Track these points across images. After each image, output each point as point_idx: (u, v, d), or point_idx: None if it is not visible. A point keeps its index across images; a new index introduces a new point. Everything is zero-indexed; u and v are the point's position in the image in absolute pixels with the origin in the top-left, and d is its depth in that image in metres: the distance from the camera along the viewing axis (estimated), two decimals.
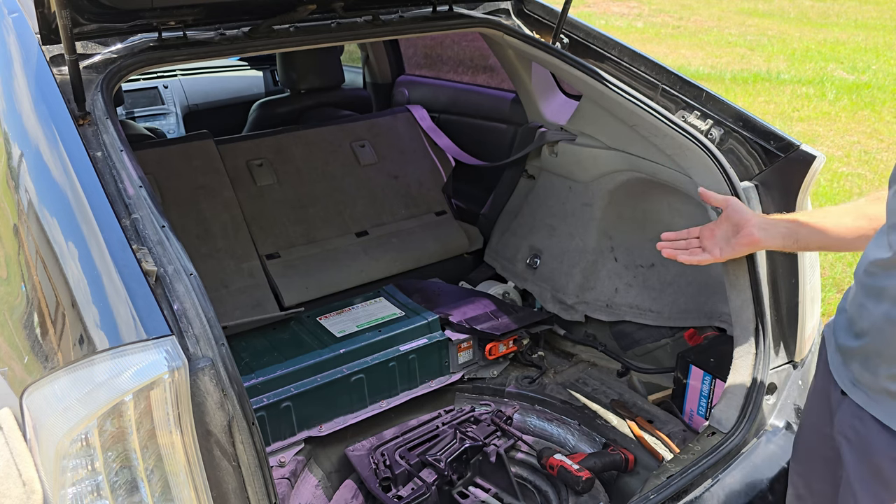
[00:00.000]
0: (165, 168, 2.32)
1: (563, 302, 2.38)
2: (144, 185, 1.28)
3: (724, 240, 1.54)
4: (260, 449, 1.11)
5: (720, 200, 1.57)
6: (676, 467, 1.61)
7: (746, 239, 1.50)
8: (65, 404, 1.00)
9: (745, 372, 1.74)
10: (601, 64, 2.09)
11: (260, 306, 2.27)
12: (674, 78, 1.98)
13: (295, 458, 1.88)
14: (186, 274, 1.15)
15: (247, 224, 2.39)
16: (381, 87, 3.42)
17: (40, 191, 1.19)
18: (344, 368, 1.99)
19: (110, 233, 1.13)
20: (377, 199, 2.64)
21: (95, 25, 1.59)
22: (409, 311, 2.22)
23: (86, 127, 1.36)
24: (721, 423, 1.71)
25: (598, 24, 2.21)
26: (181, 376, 1.02)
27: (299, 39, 1.87)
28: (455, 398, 2.20)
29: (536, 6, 2.26)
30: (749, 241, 1.51)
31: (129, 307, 1.06)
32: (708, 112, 1.91)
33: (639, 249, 2.29)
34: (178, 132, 3.91)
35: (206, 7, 1.71)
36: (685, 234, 1.62)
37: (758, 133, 1.84)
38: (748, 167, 1.82)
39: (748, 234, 1.50)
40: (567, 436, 2.06)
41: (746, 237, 1.50)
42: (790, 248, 1.50)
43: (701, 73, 8.80)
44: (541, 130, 2.49)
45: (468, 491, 1.89)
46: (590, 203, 2.33)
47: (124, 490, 1.02)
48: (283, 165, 2.54)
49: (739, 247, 1.52)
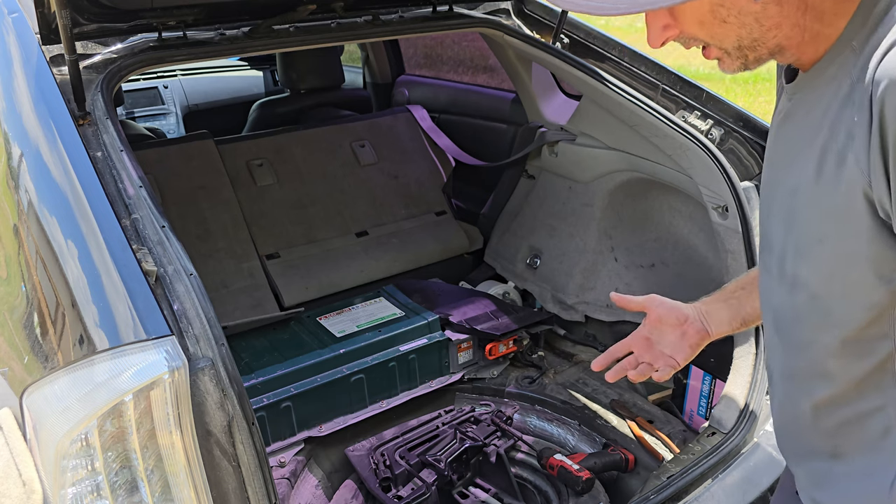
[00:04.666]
0: (165, 168, 2.32)
1: (563, 302, 2.38)
2: (144, 185, 1.27)
3: (672, 346, 1.25)
4: (260, 449, 1.11)
5: (639, 304, 1.28)
6: (676, 467, 1.61)
7: (696, 337, 1.24)
8: (65, 404, 1.00)
9: (745, 372, 1.74)
10: (601, 64, 2.09)
11: (260, 306, 2.27)
12: (674, 78, 1.98)
13: (295, 458, 1.88)
14: (186, 274, 1.15)
15: (247, 224, 2.39)
16: (381, 87, 3.42)
17: (40, 191, 1.19)
18: (344, 368, 1.99)
19: (110, 233, 1.13)
20: (377, 199, 2.64)
21: (95, 25, 1.59)
22: (409, 311, 2.22)
23: (86, 127, 1.35)
24: (721, 424, 1.71)
25: (598, 24, 2.21)
26: (181, 376, 1.02)
27: (299, 39, 1.87)
28: (455, 398, 2.20)
29: (536, 6, 2.26)
30: (700, 337, 1.25)
31: (129, 307, 1.06)
32: (708, 112, 1.91)
33: (639, 249, 2.29)
34: (178, 132, 3.91)
35: (206, 7, 1.72)
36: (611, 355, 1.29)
37: (758, 133, 1.84)
38: (748, 167, 1.82)
39: (697, 331, 1.24)
40: (567, 436, 2.06)
41: (696, 335, 1.24)
42: (736, 330, 1.27)
43: (701, 73, 8.79)
44: (541, 130, 2.49)
45: (468, 491, 1.89)
46: (590, 203, 2.33)
47: (124, 490, 1.02)
48: (283, 165, 2.54)
49: (694, 348, 1.25)
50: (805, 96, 0.91)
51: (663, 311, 1.25)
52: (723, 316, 1.24)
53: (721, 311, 1.24)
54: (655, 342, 1.26)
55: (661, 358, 1.25)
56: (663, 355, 1.25)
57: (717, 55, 0.91)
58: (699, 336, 1.24)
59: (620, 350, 1.29)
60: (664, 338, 1.26)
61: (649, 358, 1.26)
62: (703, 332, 1.24)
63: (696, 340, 1.24)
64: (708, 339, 1.25)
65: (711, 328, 1.24)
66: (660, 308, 1.26)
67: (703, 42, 0.90)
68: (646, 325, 1.27)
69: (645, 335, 1.27)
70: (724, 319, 1.24)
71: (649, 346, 1.27)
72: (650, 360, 1.26)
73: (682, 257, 2.19)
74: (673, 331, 1.25)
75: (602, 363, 1.29)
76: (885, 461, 0.92)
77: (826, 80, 0.86)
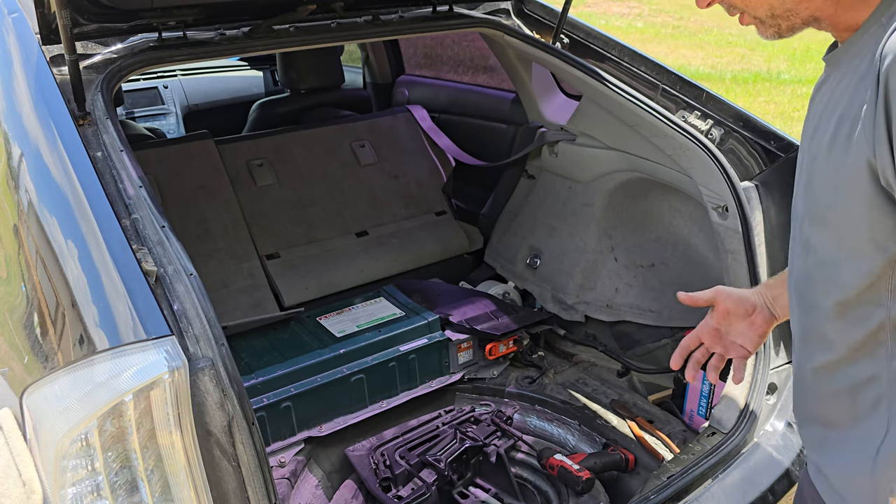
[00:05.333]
0: (165, 168, 2.32)
1: (563, 302, 2.38)
2: (144, 185, 1.27)
3: (742, 335, 1.28)
4: (260, 449, 1.11)
5: (707, 299, 1.30)
6: (677, 467, 1.61)
7: (765, 325, 1.27)
8: (65, 404, 1.00)
9: (745, 372, 1.74)
10: (601, 64, 2.09)
11: (260, 306, 2.27)
12: (674, 78, 1.98)
13: (295, 458, 1.88)
14: (186, 274, 1.15)
15: (247, 224, 2.39)
16: (381, 87, 3.42)
17: (40, 191, 1.19)
18: (344, 368, 1.99)
19: (110, 233, 1.13)
20: (377, 199, 2.64)
21: (95, 25, 1.59)
22: (410, 311, 2.22)
23: (86, 127, 1.35)
24: (721, 424, 1.71)
25: (598, 24, 2.21)
26: (181, 376, 1.02)
27: (299, 39, 1.87)
28: (455, 398, 2.20)
29: (536, 6, 2.26)
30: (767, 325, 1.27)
31: (129, 307, 1.06)
32: (708, 112, 1.91)
33: (639, 249, 2.29)
34: (178, 132, 3.91)
35: (206, 7, 1.71)
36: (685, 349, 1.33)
37: (758, 133, 1.84)
38: (748, 167, 1.82)
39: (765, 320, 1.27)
40: (567, 436, 2.06)
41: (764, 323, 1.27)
42: None
43: (701, 73, 8.80)
44: (541, 130, 2.49)
45: (468, 491, 1.89)
46: (590, 203, 2.33)
47: (124, 490, 1.02)
48: (283, 165, 2.54)
49: (763, 336, 1.28)
50: (836, 68, 0.95)
51: (731, 304, 1.27)
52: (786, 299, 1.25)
53: (786, 295, 1.23)
54: (724, 333, 1.29)
55: (732, 348, 1.29)
56: (734, 345, 1.28)
57: (750, 22, 0.98)
58: (767, 324, 1.27)
59: (692, 342, 1.32)
60: (733, 328, 1.28)
61: (720, 349, 1.30)
62: (770, 319, 1.27)
63: (765, 329, 1.27)
64: (775, 323, 1.28)
65: (778, 312, 1.26)
66: (727, 301, 1.28)
67: (740, 9, 0.97)
68: (714, 317, 1.30)
69: (714, 326, 1.30)
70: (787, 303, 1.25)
71: (718, 336, 1.30)
72: (721, 350, 1.30)
73: (682, 257, 2.20)
74: (741, 321, 1.27)
75: (678, 359, 1.33)
76: (874, 430, 0.97)
77: (853, 54, 0.90)
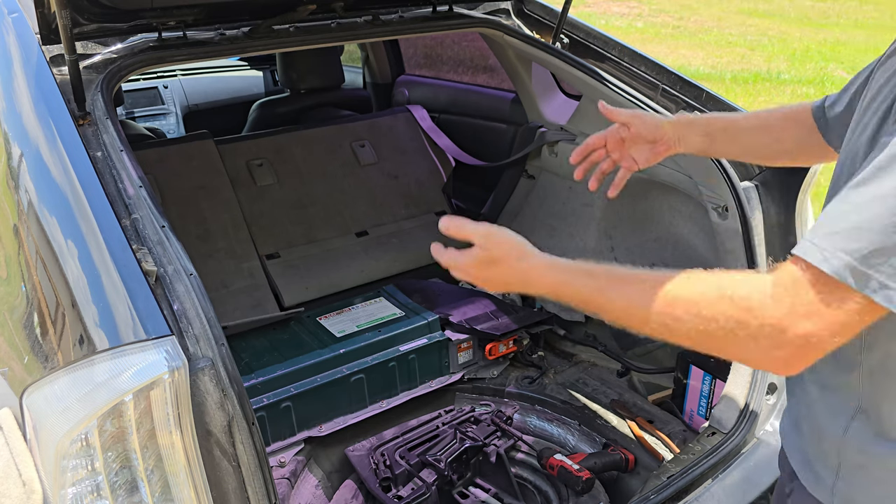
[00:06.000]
0: (165, 168, 2.32)
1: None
2: (144, 185, 1.27)
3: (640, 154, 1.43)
4: (260, 449, 1.11)
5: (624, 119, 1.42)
6: (677, 467, 1.61)
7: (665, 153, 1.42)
8: (65, 404, 1.00)
9: (745, 372, 1.74)
10: (601, 64, 2.09)
11: (260, 306, 2.27)
12: (674, 78, 1.98)
13: (295, 458, 1.88)
14: (186, 274, 1.15)
15: (247, 224, 2.39)
16: (381, 87, 3.42)
17: (40, 191, 1.19)
18: (344, 368, 1.99)
19: (110, 233, 1.13)
20: (377, 199, 2.64)
21: (95, 25, 1.59)
22: (409, 311, 2.22)
23: (86, 127, 1.36)
24: (721, 424, 1.71)
25: (598, 24, 2.22)
26: (181, 376, 1.02)
27: (299, 39, 1.87)
28: (455, 398, 2.20)
29: (536, 6, 2.26)
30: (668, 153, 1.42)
31: (129, 307, 1.06)
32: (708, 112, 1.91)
33: (639, 249, 2.29)
34: (178, 132, 3.91)
35: (206, 7, 1.71)
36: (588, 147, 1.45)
37: None
38: (748, 167, 1.82)
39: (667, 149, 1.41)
40: (567, 436, 2.06)
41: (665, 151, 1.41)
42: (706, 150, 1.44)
43: (701, 73, 8.80)
44: (541, 130, 2.49)
45: (468, 491, 1.89)
46: (590, 203, 2.33)
47: (124, 490, 1.02)
48: (283, 165, 2.54)
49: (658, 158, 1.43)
50: None
51: (644, 130, 1.40)
52: (694, 143, 1.39)
53: (695, 141, 1.39)
54: (627, 146, 1.43)
55: (626, 159, 1.43)
56: (629, 157, 1.43)
57: None
58: (667, 151, 1.41)
59: (597, 142, 1.44)
60: (636, 146, 1.42)
61: (616, 155, 1.44)
62: (671, 149, 1.41)
63: (663, 154, 1.42)
64: (673, 152, 1.42)
65: (681, 147, 1.40)
66: (641, 127, 1.40)
67: None
68: (626, 133, 1.42)
69: (621, 137, 1.42)
70: (694, 146, 1.40)
71: (621, 145, 1.43)
72: (617, 157, 1.44)
73: (682, 257, 2.20)
74: (646, 143, 1.41)
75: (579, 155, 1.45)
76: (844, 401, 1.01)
77: None
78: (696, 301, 0.87)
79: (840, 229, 0.80)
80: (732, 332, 0.85)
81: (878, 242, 0.77)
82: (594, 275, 0.98)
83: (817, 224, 0.84)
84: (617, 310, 0.96)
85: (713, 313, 0.86)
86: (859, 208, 0.80)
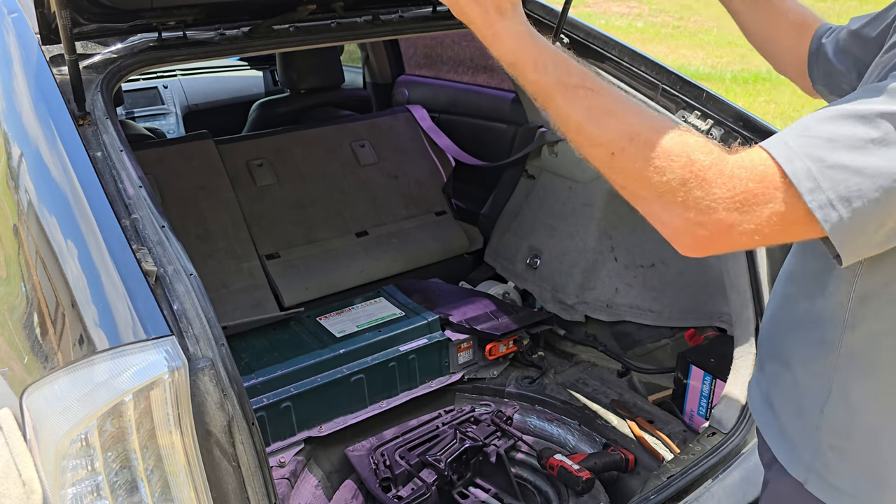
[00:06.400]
0: (165, 168, 2.32)
1: (563, 302, 2.38)
2: (144, 185, 1.27)
3: None
4: (260, 449, 1.11)
5: None
6: (677, 467, 1.61)
7: None
8: (65, 404, 1.00)
9: (745, 372, 1.74)
10: (601, 64, 2.09)
11: (260, 306, 2.27)
12: (674, 78, 1.98)
13: (295, 458, 1.88)
14: (186, 274, 1.15)
15: (247, 224, 2.39)
16: (381, 87, 3.42)
17: (40, 191, 1.19)
18: (344, 368, 1.99)
19: (110, 233, 1.13)
20: (377, 199, 2.64)
21: (95, 25, 1.59)
22: (409, 311, 2.22)
23: (86, 127, 1.35)
24: (721, 424, 1.71)
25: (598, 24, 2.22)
26: (181, 376, 1.02)
27: (299, 39, 1.87)
28: (455, 398, 2.20)
29: (536, 6, 2.26)
30: None
31: (128, 307, 1.06)
32: (708, 112, 1.91)
33: (639, 249, 2.29)
34: (178, 132, 3.91)
35: (206, 7, 1.71)
36: None
37: (758, 133, 1.84)
38: None
39: None
40: (567, 436, 2.06)
41: None
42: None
43: (701, 73, 8.80)
44: (541, 130, 2.49)
45: (468, 491, 1.89)
46: (590, 203, 2.33)
47: (124, 490, 1.02)
48: (283, 165, 2.54)
49: None
50: None
51: None
52: None
53: None
54: None
55: None
56: None
57: None
58: None
59: None
60: None
61: None
62: None
63: None
64: None
65: None
66: None
67: None
68: None
69: None
70: None
71: None
72: None
73: (682, 257, 2.19)
74: None
75: None
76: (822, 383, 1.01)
77: None
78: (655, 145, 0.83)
79: (813, 135, 0.79)
80: (670, 190, 0.82)
81: (845, 160, 0.76)
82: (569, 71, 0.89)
83: (795, 124, 0.82)
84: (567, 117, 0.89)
85: (666, 164, 0.82)
86: (837, 121, 0.79)
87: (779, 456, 1.10)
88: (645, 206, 0.88)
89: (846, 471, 1.02)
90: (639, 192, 0.87)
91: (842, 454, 1.02)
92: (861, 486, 1.01)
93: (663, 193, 0.83)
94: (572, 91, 0.88)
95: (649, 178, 0.84)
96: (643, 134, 0.85)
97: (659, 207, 0.86)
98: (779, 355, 1.10)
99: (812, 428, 1.03)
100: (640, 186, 0.86)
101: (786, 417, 1.09)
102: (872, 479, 1.01)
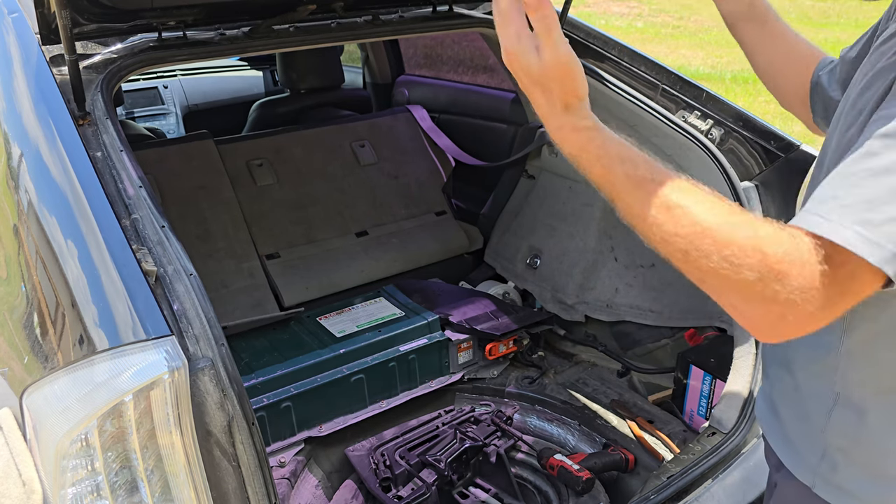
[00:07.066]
0: (165, 168, 2.32)
1: (563, 302, 2.38)
2: (144, 185, 1.27)
3: None
4: (260, 449, 1.11)
5: None
6: (677, 467, 1.61)
7: None
8: (65, 404, 1.00)
9: (745, 372, 1.74)
10: (601, 64, 2.09)
11: (260, 306, 2.27)
12: (674, 78, 1.98)
13: (295, 458, 1.88)
14: (186, 274, 1.15)
15: (247, 224, 2.39)
16: (381, 87, 3.42)
17: (40, 191, 1.19)
18: (344, 368, 1.99)
19: (110, 233, 1.13)
20: (377, 199, 2.64)
21: (95, 25, 1.59)
22: (409, 311, 2.22)
23: (86, 127, 1.35)
24: (721, 424, 1.71)
25: (598, 24, 2.22)
26: (181, 376, 1.02)
27: (299, 39, 1.87)
28: (455, 398, 2.20)
29: None
30: None
31: (128, 307, 1.06)
32: (708, 112, 1.91)
33: (639, 249, 2.29)
34: (178, 132, 3.91)
35: (206, 7, 1.71)
36: None
37: (758, 133, 1.84)
38: (748, 167, 1.82)
39: None
40: (567, 436, 2.06)
41: None
42: None
43: (701, 73, 8.80)
44: (541, 130, 2.48)
45: (468, 491, 1.89)
46: (590, 203, 2.33)
47: (124, 490, 1.02)
48: (283, 165, 2.54)
49: None
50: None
51: None
52: None
53: None
54: None
55: None
56: None
57: None
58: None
59: None
60: None
61: None
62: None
63: None
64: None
65: None
66: None
67: None
68: None
69: None
70: None
71: None
72: None
73: None
74: None
75: None
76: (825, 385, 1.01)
77: None
78: (728, 243, 0.81)
79: (850, 203, 0.78)
80: (748, 286, 0.81)
81: (892, 213, 0.76)
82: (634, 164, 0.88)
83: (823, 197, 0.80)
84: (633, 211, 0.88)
85: (741, 261, 0.80)
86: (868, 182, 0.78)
87: (785, 461, 1.10)
88: (723, 298, 0.86)
89: (853, 473, 1.02)
90: (716, 287, 0.85)
91: (848, 456, 1.02)
92: (868, 487, 1.01)
93: (741, 289, 0.82)
94: (637, 186, 0.88)
95: (726, 276, 0.82)
96: (713, 230, 0.83)
97: (737, 300, 0.84)
98: (780, 359, 1.11)
99: (817, 431, 1.04)
100: (718, 282, 0.84)
101: (790, 421, 1.09)
102: (880, 480, 1.01)
